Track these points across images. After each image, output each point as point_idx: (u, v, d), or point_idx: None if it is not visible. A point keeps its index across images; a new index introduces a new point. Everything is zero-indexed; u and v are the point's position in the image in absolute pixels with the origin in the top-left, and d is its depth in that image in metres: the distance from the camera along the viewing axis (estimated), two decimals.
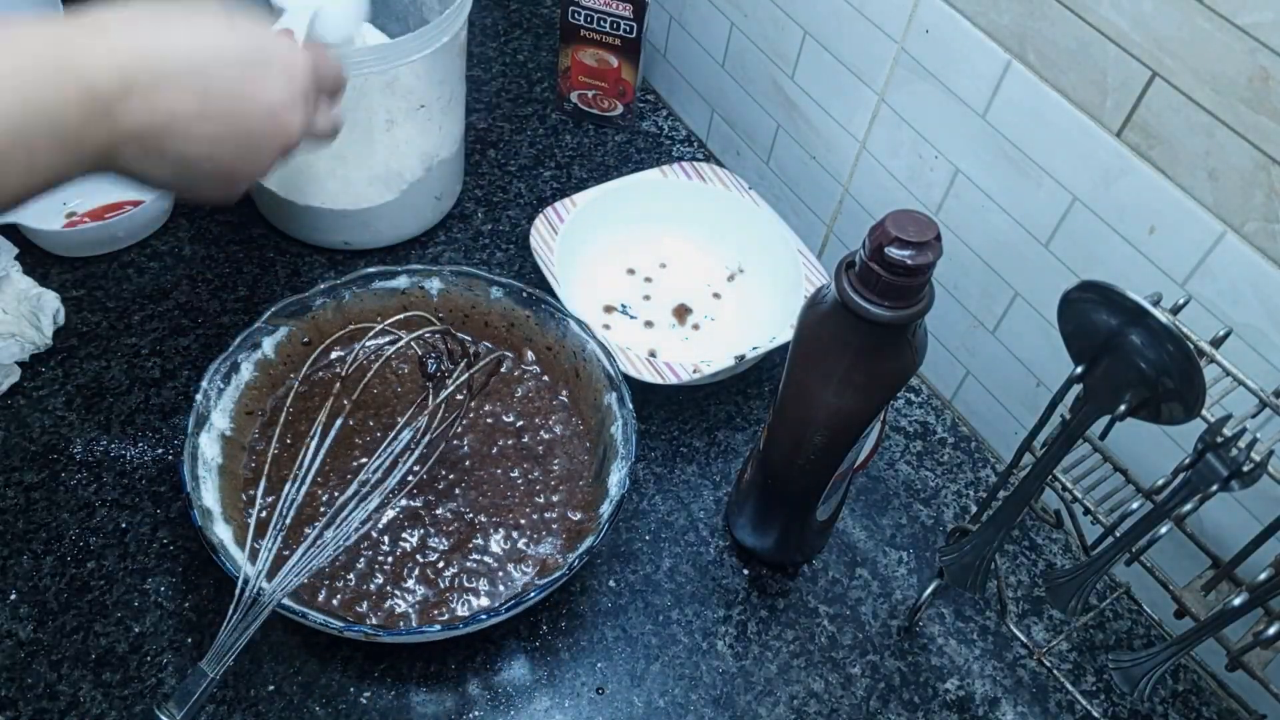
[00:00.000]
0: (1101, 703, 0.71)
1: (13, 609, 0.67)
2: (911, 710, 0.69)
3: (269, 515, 0.65)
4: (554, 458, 0.74)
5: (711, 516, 0.77)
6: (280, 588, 0.59)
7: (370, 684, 0.66)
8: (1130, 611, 0.75)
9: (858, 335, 0.55)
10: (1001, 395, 0.80)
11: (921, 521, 0.78)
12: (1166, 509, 0.51)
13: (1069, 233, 0.69)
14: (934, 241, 0.51)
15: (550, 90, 1.08)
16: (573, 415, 0.76)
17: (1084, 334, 0.49)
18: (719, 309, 0.88)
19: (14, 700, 0.63)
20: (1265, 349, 0.60)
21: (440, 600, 0.66)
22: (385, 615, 0.65)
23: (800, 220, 0.94)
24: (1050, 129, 0.67)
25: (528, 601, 0.62)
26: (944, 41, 0.72)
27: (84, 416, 0.77)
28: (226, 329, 0.83)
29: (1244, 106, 0.56)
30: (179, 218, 0.90)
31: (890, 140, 0.80)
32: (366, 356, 0.73)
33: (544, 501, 0.71)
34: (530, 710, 0.66)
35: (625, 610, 0.71)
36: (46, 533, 0.70)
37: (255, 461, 0.71)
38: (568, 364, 0.76)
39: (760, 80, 0.92)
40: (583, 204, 0.86)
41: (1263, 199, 0.57)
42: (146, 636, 0.66)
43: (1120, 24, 0.60)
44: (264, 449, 0.70)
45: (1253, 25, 0.54)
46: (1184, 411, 0.47)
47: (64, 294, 0.82)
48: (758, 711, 0.67)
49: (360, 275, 0.76)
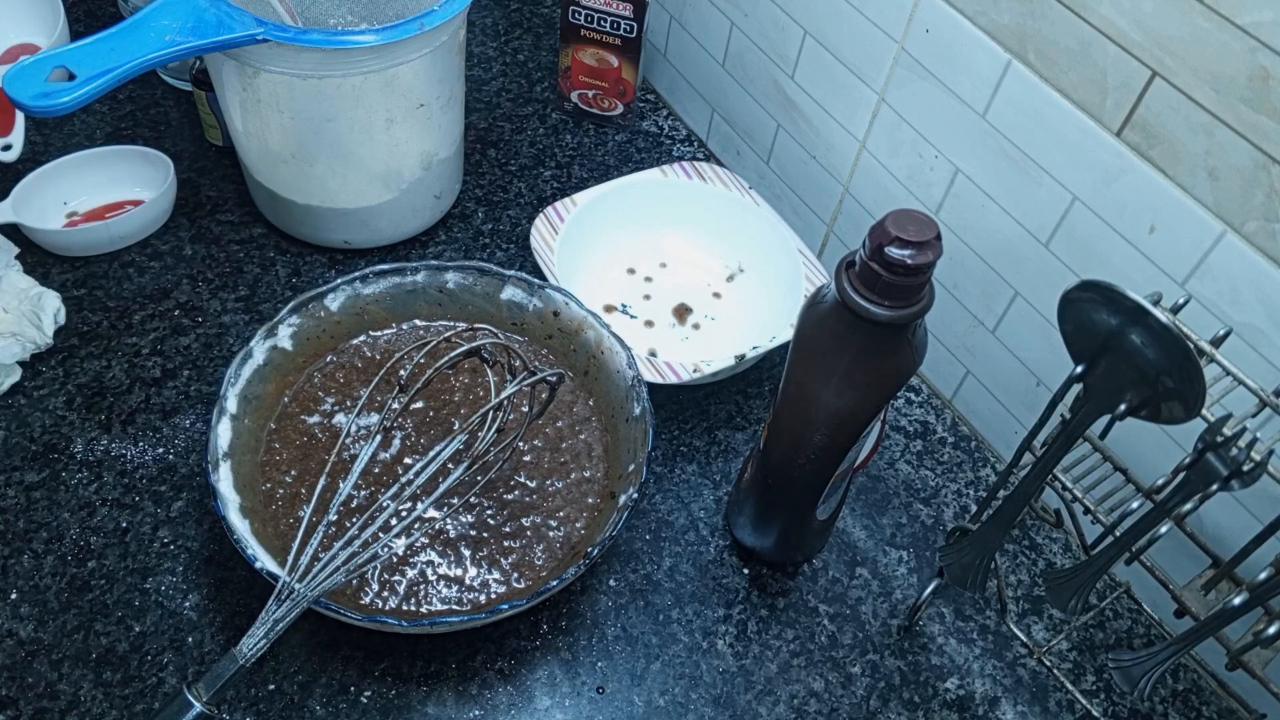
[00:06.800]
0: (1101, 702, 0.71)
1: (13, 608, 0.67)
2: (911, 709, 0.69)
3: (318, 514, 0.66)
4: (572, 444, 0.74)
5: (711, 516, 0.77)
6: (320, 584, 0.59)
7: (371, 683, 0.66)
8: (1130, 611, 0.75)
9: (858, 335, 0.55)
10: (1001, 395, 0.80)
11: (921, 521, 0.79)
12: (1166, 508, 0.51)
13: (1069, 232, 0.69)
14: (934, 241, 0.51)
15: (550, 90, 1.08)
16: (592, 415, 0.76)
17: (1084, 333, 0.49)
18: (719, 309, 0.88)
19: (14, 699, 0.63)
20: (1265, 349, 0.60)
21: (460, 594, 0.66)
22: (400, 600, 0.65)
23: (800, 220, 0.94)
24: (1050, 129, 0.67)
25: (548, 591, 0.62)
26: (944, 41, 0.72)
27: (85, 416, 0.77)
28: (227, 329, 0.83)
29: (1244, 106, 0.56)
30: (179, 217, 0.90)
31: (890, 140, 0.80)
32: (425, 363, 0.72)
33: (563, 486, 0.72)
34: (530, 709, 0.66)
35: (625, 609, 0.71)
36: (47, 532, 0.70)
37: (301, 461, 0.71)
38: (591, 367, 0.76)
39: (760, 80, 0.92)
40: (583, 204, 0.86)
41: (1263, 198, 0.57)
42: (147, 636, 0.66)
43: (1120, 24, 0.60)
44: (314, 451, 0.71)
45: (1253, 25, 0.54)
46: (1184, 411, 0.47)
47: (65, 293, 0.82)
48: (758, 711, 0.68)
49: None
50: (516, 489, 0.72)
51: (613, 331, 0.74)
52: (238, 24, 0.71)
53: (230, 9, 0.72)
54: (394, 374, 0.72)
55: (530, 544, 0.69)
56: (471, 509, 0.70)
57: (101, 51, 0.69)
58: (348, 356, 0.76)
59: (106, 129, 0.96)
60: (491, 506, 0.70)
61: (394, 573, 0.66)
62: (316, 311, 0.74)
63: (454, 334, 0.68)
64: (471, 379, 0.77)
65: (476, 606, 0.66)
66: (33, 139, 0.93)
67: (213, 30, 0.71)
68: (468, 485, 0.69)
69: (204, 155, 0.96)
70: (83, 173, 0.89)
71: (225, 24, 0.71)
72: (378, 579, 0.66)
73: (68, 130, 0.95)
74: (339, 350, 0.76)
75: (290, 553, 0.61)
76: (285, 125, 0.79)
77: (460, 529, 0.69)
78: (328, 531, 0.64)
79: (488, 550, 0.68)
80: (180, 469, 0.75)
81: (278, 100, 0.77)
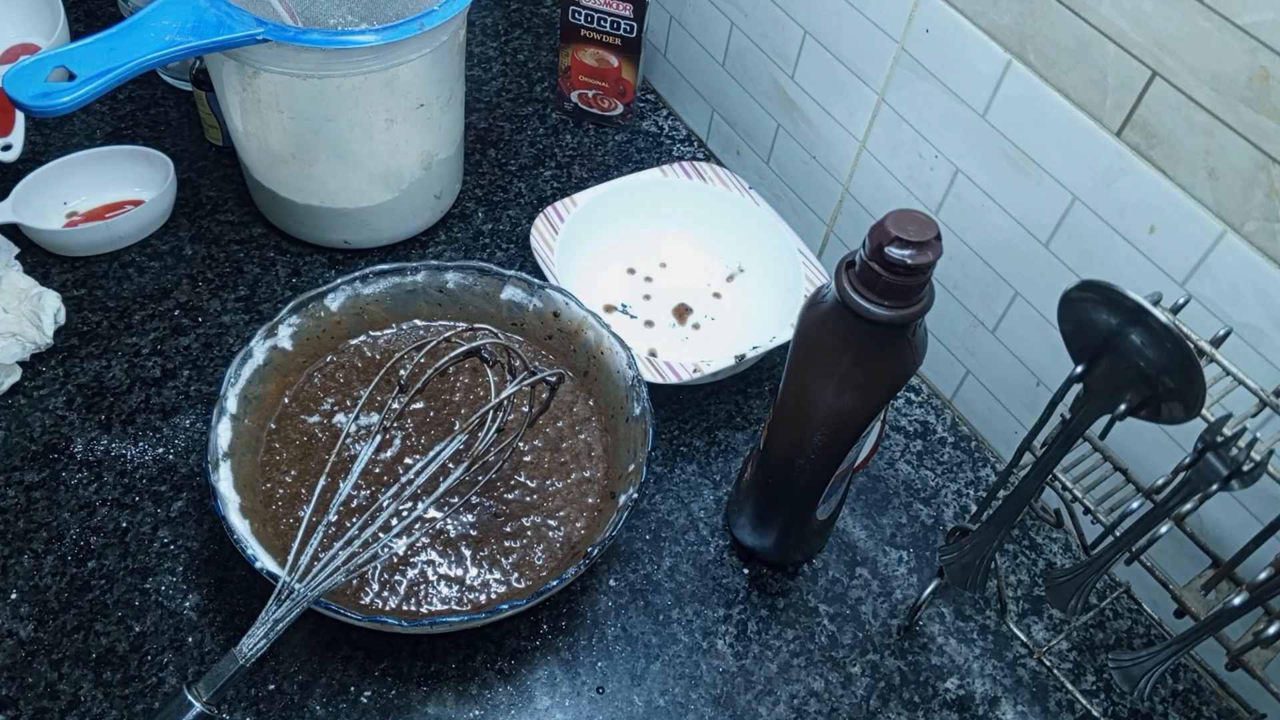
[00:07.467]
0: (1101, 702, 0.71)
1: (13, 608, 0.67)
2: (911, 709, 0.69)
3: (318, 514, 0.66)
4: (572, 444, 0.74)
5: (711, 516, 0.77)
6: (320, 584, 0.59)
7: (371, 683, 0.66)
8: (1130, 611, 0.75)
9: (858, 335, 0.55)
10: (1001, 395, 0.80)
11: (921, 521, 0.79)
12: (1166, 508, 0.51)
13: (1069, 232, 0.69)
14: (934, 241, 0.51)
15: (550, 90, 1.08)
16: (592, 415, 0.76)
17: (1084, 333, 0.49)
18: (719, 309, 0.88)
19: (14, 699, 0.63)
20: (1265, 349, 0.60)
21: (462, 594, 0.66)
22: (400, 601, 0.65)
23: (800, 220, 0.94)
24: (1050, 129, 0.67)
25: (548, 591, 0.62)
26: (944, 41, 0.72)
27: (84, 416, 0.77)
28: (227, 328, 0.83)
29: (1244, 106, 0.56)
30: (179, 217, 0.90)
31: (890, 140, 0.80)
32: (425, 363, 0.72)
33: (563, 486, 0.72)
34: (530, 709, 0.66)
35: (625, 609, 0.71)
36: (47, 532, 0.70)
37: (301, 461, 0.71)
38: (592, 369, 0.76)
39: (760, 80, 0.92)
40: (583, 204, 0.86)
41: (1263, 198, 0.57)
42: (147, 636, 0.66)
43: (1120, 23, 0.60)
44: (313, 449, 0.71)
45: (1253, 25, 0.54)
46: (1184, 411, 0.47)
47: (65, 293, 0.82)
48: (758, 711, 0.68)
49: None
50: (516, 489, 0.72)
51: (613, 331, 0.74)
52: (238, 24, 0.71)
53: (230, 9, 0.72)
54: (394, 374, 0.72)
55: (530, 544, 0.69)
56: (472, 509, 0.70)
57: (101, 51, 0.69)
58: (348, 356, 0.76)
59: (106, 129, 0.96)
60: (491, 506, 0.70)
61: (394, 573, 0.66)
62: (316, 311, 0.74)
63: (454, 334, 0.68)
64: (471, 379, 0.77)
65: (476, 606, 0.66)
66: (33, 139, 0.93)
67: (213, 30, 0.71)
68: (468, 485, 0.69)
69: (204, 155, 0.96)
70: (83, 173, 0.89)
71: (225, 24, 0.71)
72: (378, 579, 0.66)
73: (68, 130, 0.95)
74: (339, 350, 0.76)
75: (290, 553, 0.61)
76: (285, 125, 0.79)
77: (460, 529, 0.69)
78: (328, 531, 0.64)
79: (488, 550, 0.68)
80: (180, 469, 0.75)
81: (278, 100, 0.77)
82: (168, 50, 0.70)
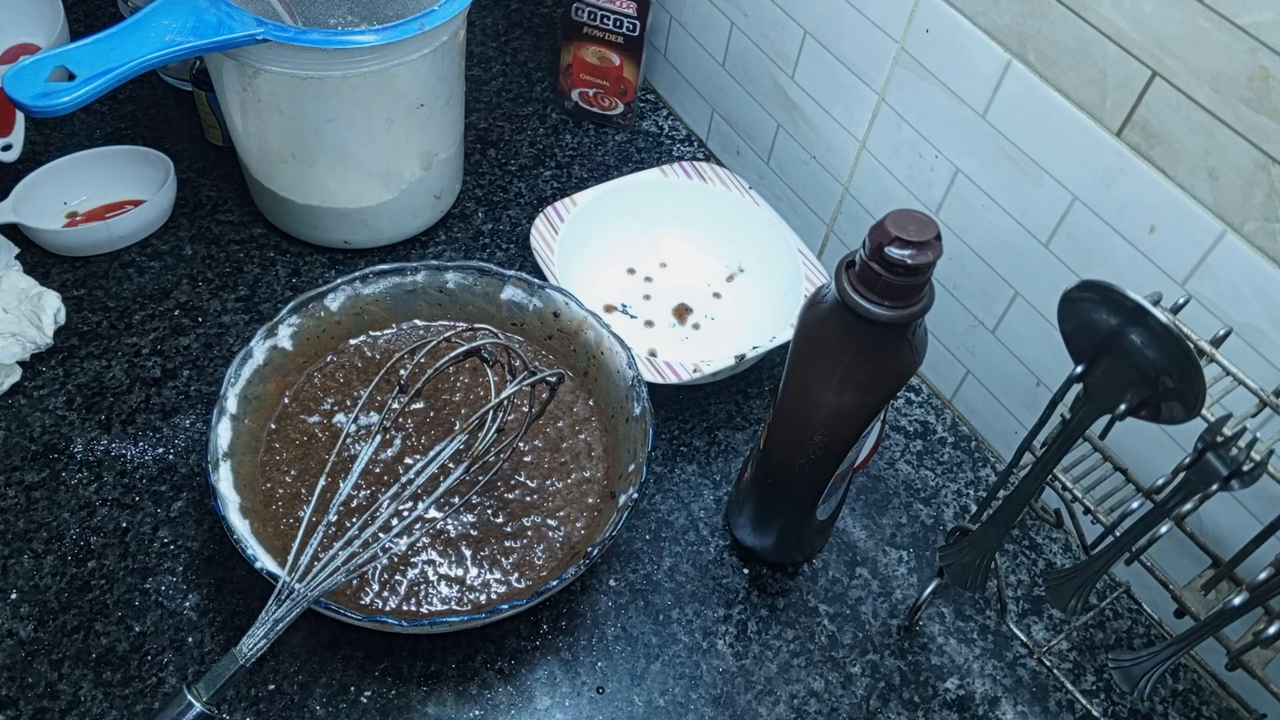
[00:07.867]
0: (1101, 702, 0.71)
1: (13, 608, 0.67)
2: (911, 709, 0.69)
3: (318, 514, 0.66)
4: (572, 444, 0.74)
5: (711, 516, 0.77)
6: (320, 584, 0.59)
7: (371, 683, 0.66)
8: (1130, 611, 0.75)
9: (858, 335, 0.55)
10: (1001, 395, 0.80)
11: (921, 521, 0.79)
12: (1166, 508, 0.51)
13: (1069, 232, 0.69)
14: (934, 241, 0.51)
15: (550, 89, 1.08)
16: (592, 415, 0.76)
17: (1084, 333, 0.49)
18: (719, 309, 0.88)
19: (14, 699, 0.63)
20: (1265, 349, 0.60)
21: (462, 593, 0.66)
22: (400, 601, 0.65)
23: (800, 220, 0.94)
24: (1050, 129, 0.67)
25: (548, 591, 0.62)
26: (944, 41, 0.72)
27: (84, 416, 0.77)
28: (227, 328, 0.83)
29: (1244, 106, 0.56)
30: (179, 217, 0.90)
31: (890, 140, 0.80)
32: (425, 363, 0.72)
33: (563, 486, 0.72)
34: (530, 709, 0.66)
35: (625, 609, 0.71)
36: (47, 532, 0.70)
37: (301, 460, 0.71)
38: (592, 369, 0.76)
39: (760, 80, 0.92)
40: (583, 203, 0.86)
41: (1263, 198, 0.57)
42: (147, 636, 0.66)
43: (1120, 23, 0.60)
44: (312, 448, 0.71)
45: (1253, 25, 0.54)
46: (1184, 411, 0.47)
47: (65, 293, 0.82)
48: (758, 711, 0.68)
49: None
50: (517, 489, 0.72)
51: (613, 331, 0.74)
52: (238, 24, 0.71)
53: (230, 9, 0.72)
54: (394, 374, 0.72)
55: (530, 544, 0.69)
56: (472, 509, 0.70)
57: (101, 51, 0.69)
58: (348, 356, 0.76)
59: (106, 129, 0.96)
60: (492, 506, 0.70)
61: (394, 573, 0.66)
62: (316, 311, 0.74)
63: (454, 334, 0.68)
64: (471, 379, 0.77)
65: (476, 606, 0.66)
66: (33, 139, 0.93)
67: (213, 30, 0.71)
68: (468, 485, 0.69)
69: (204, 155, 0.96)
70: (83, 173, 0.89)
71: (225, 24, 0.71)
72: (378, 579, 0.66)
73: (68, 130, 0.95)
74: (339, 350, 0.76)
75: (290, 553, 0.61)
76: (285, 125, 0.79)
77: (460, 529, 0.69)
78: (328, 531, 0.64)
79: (488, 550, 0.68)
80: (180, 469, 0.75)
81: (278, 100, 0.77)
82: (168, 50, 0.70)
